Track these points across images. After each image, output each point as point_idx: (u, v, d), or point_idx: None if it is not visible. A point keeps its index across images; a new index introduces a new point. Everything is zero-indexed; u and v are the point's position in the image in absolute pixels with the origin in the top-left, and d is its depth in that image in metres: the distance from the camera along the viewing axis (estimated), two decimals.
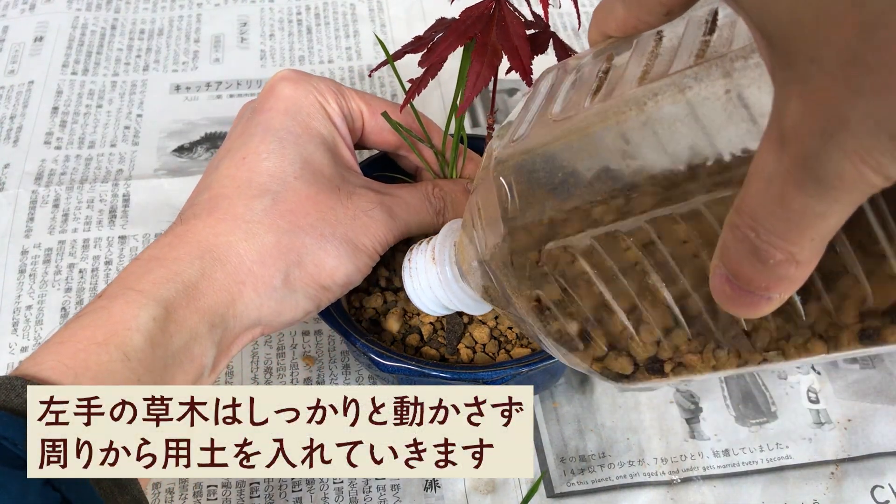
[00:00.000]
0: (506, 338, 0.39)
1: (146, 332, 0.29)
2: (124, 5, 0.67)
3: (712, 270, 0.22)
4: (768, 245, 0.19)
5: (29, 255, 0.50)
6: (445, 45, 0.34)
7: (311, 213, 0.34)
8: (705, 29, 0.24)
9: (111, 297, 0.30)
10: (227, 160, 0.35)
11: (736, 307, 0.22)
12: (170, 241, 0.33)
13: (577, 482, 0.40)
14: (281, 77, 0.37)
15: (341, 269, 0.34)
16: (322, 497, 0.40)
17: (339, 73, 0.62)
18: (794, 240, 0.19)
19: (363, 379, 0.45)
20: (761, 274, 0.20)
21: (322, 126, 0.37)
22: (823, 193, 0.18)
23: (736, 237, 0.20)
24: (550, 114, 0.28)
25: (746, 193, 0.20)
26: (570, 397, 0.44)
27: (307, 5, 0.67)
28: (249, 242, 0.33)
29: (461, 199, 0.40)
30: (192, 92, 0.60)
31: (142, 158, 0.56)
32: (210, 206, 0.34)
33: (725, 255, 0.21)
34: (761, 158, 0.19)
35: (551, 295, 0.29)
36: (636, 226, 0.25)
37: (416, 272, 0.35)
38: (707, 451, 0.42)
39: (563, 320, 0.29)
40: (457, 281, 0.34)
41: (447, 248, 0.34)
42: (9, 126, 0.57)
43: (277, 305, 0.33)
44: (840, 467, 0.41)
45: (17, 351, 0.45)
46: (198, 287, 0.31)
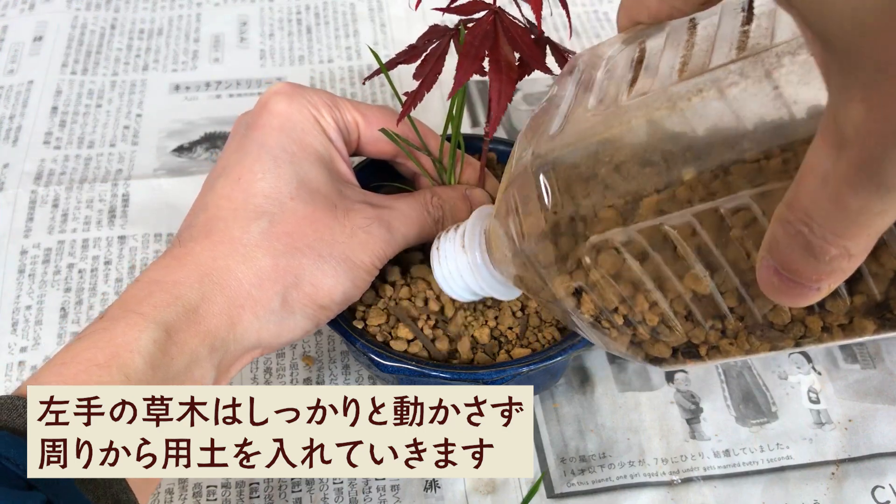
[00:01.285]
0: (506, 338, 0.39)
1: (147, 354, 0.29)
2: (124, 5, 0.67)
3: (759, 262, 0.22)
4: (822, 241, 0.20)
5: (28, 255, 0.50)
6: (437, 55, 0.35)
7: (308, 233, 0.34)
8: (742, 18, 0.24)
9: (112, 318, 0.31)
10: (223, 180, 0.35)
11: (784, 298, 0.22)
12: (169, 264, 0.33)
13: (577, 482, 0.40)
14: (275, 91, 0.37)
15: (339, 287, 0.34)
16: (322, 497, 0.40)
17: (339, 72, 0.62)
18: (849, 236, 0.20)
19: (363, 379, 0.44)
20: (813, 267, 0.21)
21: (317, 141, 0.36)
22: (885, 195, 0.18)
23: (787, 232, 0.21)
24: (587, 107, 0.28)
25: (800, 191, 0.20)
26: (570, 397, 0.44)
27: (307, 5, 0.67)
28: (247, 266, 0.33)
29: (460, 206, 0.40)
30: (191, 92, 0.60)
31: (141, 158, 0.55)
32: (207, 229, 0.34)
33: (775, 248, 0.21)
34: (815, 158, 0.19)
35: (592, 286, 0.29)
36: (682, 220, 0.25)
37: (446, 259, 0.36)
38: (707, 452, 0.41)
39: (603, 308, 0.30)
40: (487, 267, 0.34)
41: (477, 235, 0.35)
42: (8, 126, 0.57)
43: (276, 328, 0.34)
44: (841, 467, 0.41)
45: (16, 351, 0.45)
46: (198, 311, 0.31)
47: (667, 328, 0.29)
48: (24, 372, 0.44)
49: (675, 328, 0.29)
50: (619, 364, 0.45)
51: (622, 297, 0.29)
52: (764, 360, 0.45)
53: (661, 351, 0.30)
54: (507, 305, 0.40)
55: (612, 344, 0.31)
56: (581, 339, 0.37)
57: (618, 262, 0.28)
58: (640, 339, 0.30)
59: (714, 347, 0.29)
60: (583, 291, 0.30)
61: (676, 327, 0.29)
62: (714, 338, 0.29)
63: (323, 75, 0.62)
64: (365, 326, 0.39)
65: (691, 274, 0.27)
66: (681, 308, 0.28)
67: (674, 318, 0.29)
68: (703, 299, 0.28)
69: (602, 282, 0.29)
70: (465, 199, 0.40)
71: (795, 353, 0.45)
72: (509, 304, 0.40)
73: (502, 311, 0.39)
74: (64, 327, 0.46)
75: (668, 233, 0.26)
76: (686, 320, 0.29)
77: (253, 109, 0.38)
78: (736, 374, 0.44)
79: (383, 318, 0.39)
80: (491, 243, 0.33)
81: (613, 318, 0.30)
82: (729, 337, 0.29)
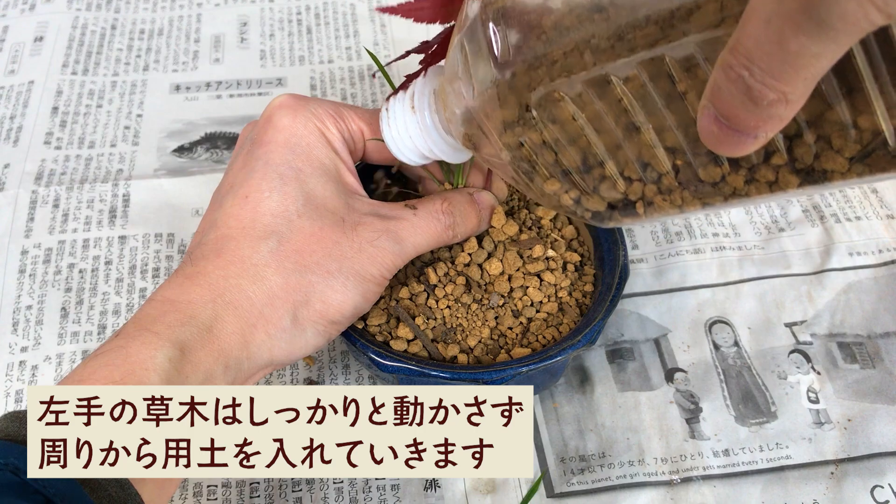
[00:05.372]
0: (506, 338, 0.39)
1: (163, 372, 0.30)
2: (124, 5, 0.67)
3: (700, 111, 0.23)
4: (762, 85, 0.20)
5: (29, 255, 0.50)
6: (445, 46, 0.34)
7: (317, 250, 0.34)
8: None
9: (128, 336, 0.31)
10: (230, 198, 0.35)
11: (722, 146, 0.23)
12: (182, 283, 0.33)
13: (576, 482, 0.40)
14: (279, 105, 0.37)
15: (349, 302, 0.35)
16: (322, 497, 0.40)
17: (339, 72, 0.62)
18: (788, 79, 0.20)
19: (363, 379, 0.45)
20: (752, 113, 0.21)
21: (323, 155, 0.36)
22: (822, 34, 0.19)
23: (729, 77, 0.21)
24: None
25: (742, 33, 0.20)
26: (570, 397, 0.44)
27: (307, 5, 0.67)
28: (258, 285, 0.33)
29: (468, 209, 0.39)
30: (192, 92, 0.60)
31: (142, 158, 0.56)
32: (217, 248, 0.34)
33: (716, 95, 0.22)
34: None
35: (537, 139, 0.29)
36: (627, 70, 0.25)
37: (395, 120, 0.35)
38: (707, 451, 0.42)
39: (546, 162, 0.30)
40: (436, 128, 0.34)
41: (426, 95, 0.34)
42: (9, 126, 0.57)
43: (288, 345, 0.34)
44: (840, 467, 0.41)
45: (17, 351, 0.45)
46: (212, 330, 0.32)
47: (607, 181, 0.30)
48: (24, 372, 0.44)
49: (617, 183, 0.30)
50: (619, 364, 0.45)
51: (565, 149, 0.29)
52: (763, 360, 0.45)
53: (597, 205, 0.31)
54: (507, 305, 0.40)
55: (551, 198, 0.32)
56: (581, 339, 0.37)
57: (563, 113, 0.28)
58: (578, 193, 0.31)
59: (650, 203, 0.30)
60: (525, 144, 0.30)
61: (618, 181, 0.30)
62: (650, 193, 0.29)
63: (323, 76, 0.62)
64: (365, 326, 0.39)
65: (635, 127, 0.27)
66: (622, 161, 0.29)
67: (616, 172, 0.29)
68: (645, 154, 0.28)
69: (546, 134, 0.29)
70: (473, 202, 0.40)
71: (794, 353, 0.45)
72: (509, 304, 0.40)
73: (503, 311, 0.40)
74: (65, 327, 0.46)
75: (613, 84, 0.26)
76: (623, 176, 0.29)
77: (257, 123, 0.38)
78: (735, 373, 0.44)
79: (383, 318, 0.39)
80: (441, 102, 0.33)
81: (552, 170, 0.30)
82: (663, 193, 0.29)
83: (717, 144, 0.23)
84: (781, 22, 0.19)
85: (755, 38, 0.20)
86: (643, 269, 0.49)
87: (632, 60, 0.25)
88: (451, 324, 0.39)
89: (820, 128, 0.25)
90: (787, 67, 0.20)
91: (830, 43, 0.19)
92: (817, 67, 0.20)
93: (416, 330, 0.38)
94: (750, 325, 0.47)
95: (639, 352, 0.45)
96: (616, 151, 0.29)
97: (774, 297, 0.48)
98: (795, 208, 0.52)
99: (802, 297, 0.48)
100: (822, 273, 0.49)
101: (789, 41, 0.19)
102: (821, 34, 0.19)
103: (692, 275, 0.49)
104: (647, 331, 0.46)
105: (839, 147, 0.25)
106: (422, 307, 0.40)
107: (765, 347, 0.46)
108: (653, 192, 0.30)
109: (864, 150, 0.24)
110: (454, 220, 0.38)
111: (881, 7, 0.18)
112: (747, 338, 0.46)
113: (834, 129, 0.24)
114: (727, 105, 0.22)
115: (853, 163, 0.25)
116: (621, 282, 0.39)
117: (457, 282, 0.40)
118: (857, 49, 0.21)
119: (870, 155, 0.24)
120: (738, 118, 0.22)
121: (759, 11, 0.20)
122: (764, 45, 0.20)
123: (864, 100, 0.23)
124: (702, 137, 0.23)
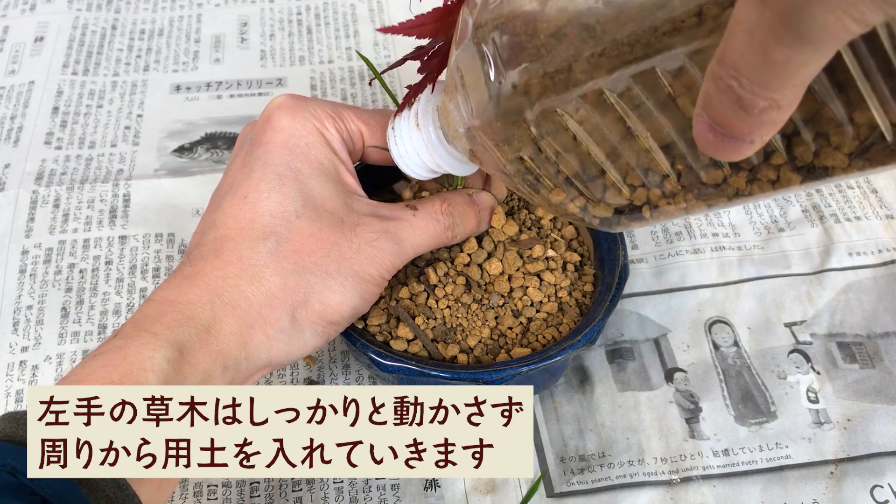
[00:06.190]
0: (506, 338, 0.39)
1: (161, 372, 0.30)
2: (125, 5, 0.67)
3: (695, 119, 0.23)
4: (751, 94, 0.21)
5: (29, 255, 0.50)
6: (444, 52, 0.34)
7: (315, 251, 0.34)
8: None
9: (126, 337, 0.31)
10: (229, 198, 0.35)
11: (719, 152, 0.23)
12: (180, 284, 0.33)
13: (576, 482, 0.40)
14: (278, 105, 0.37)
15: (347, 303, 0.35)
16: (322, 497, 0.40)
17: (339, 72, 0.62)
18: (776, 87, 0.20)
19: (363, 379, 0.45)
20: (744, 121, 0.21)
21: (322, 155, 0.36)
22: (805, 44, 0.19)
23: (719, 87, 0.21)
24: None
25: (728, 46, 0.20)
26: (569, 397, 0.44)
27: (307, 5, 0.67)
28: (257, 286, 0.33)
29: (468, 210, 0.39)
30: (192, 92, 0.60)
31: (142, 158, 0.56)
32: (216, 248, 0.34)
33: (708, 104, 0.22)
34: (742, 11, 0.20)
35: (537, 153, 0.30)
36: (621, 83, 0.26)
37: (401, 138, 0.36)
38: (707, 451, 0.42)
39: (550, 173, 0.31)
40: (441, 143, 0.35)
41: (430, 112, 0.35)
42: (9, 126, 0.57)
43: (286, 346, 0.34)
44: (839, 467, 0.41)
45: (17, 351, 0.45)
46: (210, 331, 0.32)
47: (612, 188, 0.30)
48: (24, 372, 0.44)
49: (621, 189, 0.30)
50: (619, 364, 0.45)
51: (567, 161, 0.30)
52: (763, 360, 0.45)
53: (604, 211, 0.32)
54: (507, 305, 0.40)
55: (558, 207, 0.32)
56: (581, 339, 0.37)
57: (561, 127, 0.29)
58: (584, 201, 0.32)
59: (656, 207, 0.30)
60: (527, 159, 0.31)
61: (622, 188, 0.30)
62: (655, 197, 0.30)
63: (323, 76, 0.62)
64: (365, 326, 0.39)
65: (633, 136, 0.28)
66: (624, 169, 0.30)
67: (619, 179, 0.30)
68: (645, 160, 0.29)
69: (547, 148, 0.29)
70: (472, 202, 0.40)
71: (794, 353, 0.45)
72: (509, 303, 0.40)
73: (503, 311, 0.40)
74: (65, 327, 0.46)
75: (608, 96, 0.27)
76: (626, 182, 0.30)
77: (256, 124, 0.38)
78: (735, 373, 0.45)
79: (383, 318, 0.39)
80: (445, 119, 0.33)
81: (558, 181, 0.31)
82: (668, 196, 0.30)
83: (714, 150, 0.23)
84: (764, 34, 0.19)
85: (740, 50, 0.20)
86: (643, 268, 0.49)
87: (623, 74, 0.25)
88: (451, 324, 0.39)
89: (817, 125, 0.25)
90: (774, 77, 0.20)
91: (814, 52, 0.19)
92: (805, 74, 0.20)
93: (416, 330, 0.39)
94: (749, 325, 0.47)
95: (638, 352, 0.46)
96: (617, 160, 0.29)
97: (774, 297, 0.48)
98: (795, 208, 0.52)
99: (802, 297, 0.48)
100: (821, 273, 0.49)
101: (773, 52, 0.19)
102: (803, 45, 0.19)
103: (692, 275, 0.49)
104: (646, 331, 0.46)
105: (837, 143, 0.25)
106: (422, 307, 0.40)
107: (764, 347, 0.46)
108: (657, 196, 0.30)
109: (862, 145, 0.24)
110: (453, 221, 0.38)
111: (858, 19, 0.18)
112: (747, 338, 0.46)
113: (831, 125, 0.25)
114: (720, 114, 0.22)
115: (853, 158, 0.25)
116: (621, 282, 0.39)
117: (457, 282, 0.40)
118: (844, 50, 0.21)
119: (868, 150, 0.24)
120: (732, 125, 0.22)
121: (742, 24, 0.20)
122: (749, 57, 0.20)
123: (858, 96, 0.23)
124: (698, 144, 0.23)
